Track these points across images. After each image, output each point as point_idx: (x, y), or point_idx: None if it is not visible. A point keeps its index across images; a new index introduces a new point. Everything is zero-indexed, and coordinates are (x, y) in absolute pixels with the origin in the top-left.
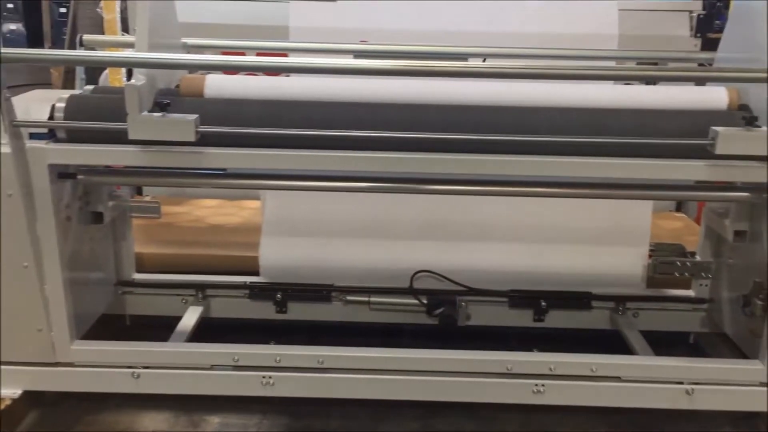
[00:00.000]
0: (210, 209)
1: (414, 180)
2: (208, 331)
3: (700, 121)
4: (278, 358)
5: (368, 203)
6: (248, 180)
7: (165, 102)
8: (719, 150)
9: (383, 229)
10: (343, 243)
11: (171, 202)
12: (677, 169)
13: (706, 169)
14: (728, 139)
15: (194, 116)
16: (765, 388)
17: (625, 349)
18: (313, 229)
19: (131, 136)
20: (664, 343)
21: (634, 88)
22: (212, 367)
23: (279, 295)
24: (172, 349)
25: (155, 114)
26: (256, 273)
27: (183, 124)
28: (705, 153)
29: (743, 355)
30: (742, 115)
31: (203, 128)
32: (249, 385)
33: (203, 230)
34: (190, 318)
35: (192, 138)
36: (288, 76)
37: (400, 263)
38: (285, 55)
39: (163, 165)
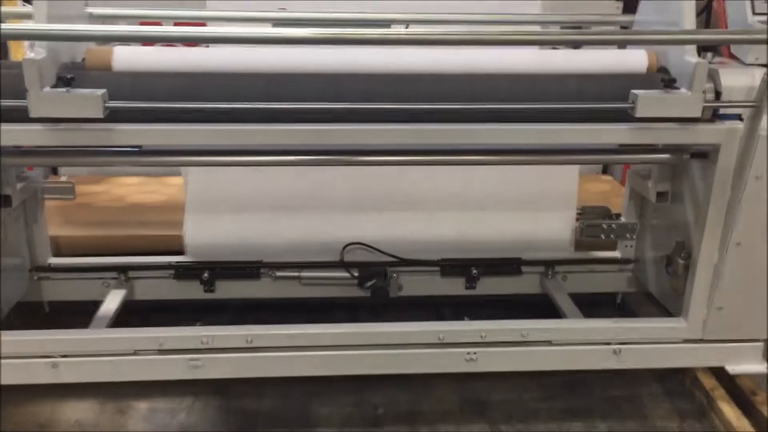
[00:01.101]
0: (131, 187)
1: (338, 152)
2: (132, 314)
3: (621, 85)
4: (205, 340)
5: (294, 176)
6: (165, 157)
7: (68, 77)
8: (639, 113)
9: (311, 202)
10: (270, 218)
11: (89, 181)
12: (600, 133)
13: (627, 132)
14: (647, 102)
15: (101, 91)
16: (687, 345)
17: (555, 312)
18: (239, 204)
19: (33, 113)
20: (592, 305)
21: (557, 52)
22: (135, 353)
23: (206, 274)
24: (92, 336)
25: (58, 89)
26: (182, 252)
27: (89, 99)
28: (626, 116)
29: (668, 314)
30: (661, 78)
31: (112, 104)
32: (175, 369)
33: (124, 210)
34: (112, 302)
35: (100, 114)
36: (207, 47)
37: (329, 236)
38: (203, 25)
39: (70, 144)
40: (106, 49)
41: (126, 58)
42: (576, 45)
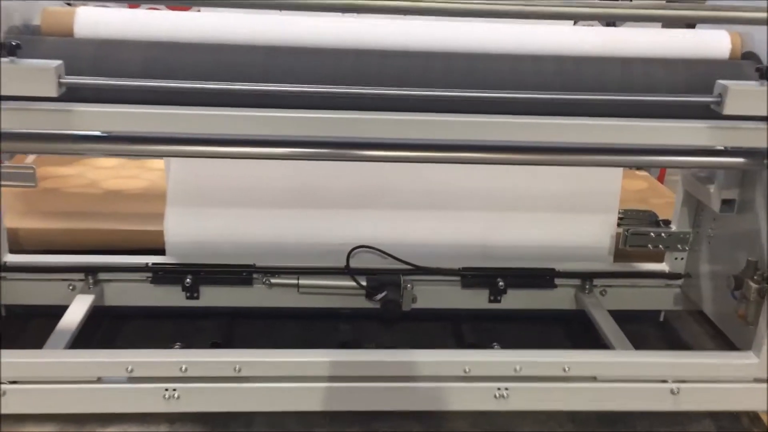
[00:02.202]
0: (107, 171)
1: (348, 144)
2: (100, 325)
3: (698, 73)
4: (184, 367)
5: (294, 167)
6: (139, 145)
7: (13, 43)
8: (728, 109)
9: (313, 197)
10: (265, 214)
11: (59, 162)
12: (675, 133)
13: (710, 133)
14: (740, 96)
15: (56, 62)
16: (758, 385)
17: (592, 332)
18: (229, 197)
19: None
20: (629, 320)
21: (618, 31)
22: (99, 380)
23: (189, 279)
24: (48, 359)
25: (2, 59)
26: (162, 251)
27: (40, 73)
28: (707, 112)
29: (725, 339)
30: (755, 67)
31: (70, 79)
32: (147, 401)
33: (97, 198)
34: (77, 309)
35: (54, 92)
36: (198, 11)
37: (334, 238)
38: None
39: (16, 127)
40: (67, 9)
41: (90, 20)
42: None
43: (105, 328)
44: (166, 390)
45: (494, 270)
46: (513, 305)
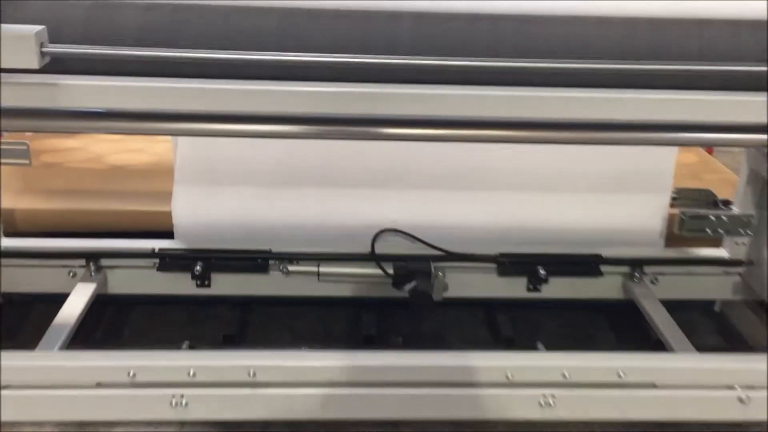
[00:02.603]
0: (112, 143)
1: (373, 121)
2: (103, 314)
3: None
4: (192, 371)
5: (314, 142)
6: (139, 122)
7: None
8: None
9: (335, 175)
10: (282, 194)
11: (61, 135)
12: (747, 107)
13: None
14: None
15: (38, 28)
16: None
17: (641, 323)
18: (243, 175)
19: None
20: (680, 310)
21: None
22: (99, 385)
23: (199, 266)
24: (41, 362)
25: None
26: (171, 234)
27: (19, 40)
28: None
29: None
30: None
31: (55, 47)
32: (152, 408)
33: (100, 174)
34: (78, 299)
35: (35, 63)
36: None
37: (357, 220)
38: None
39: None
40: None
41: None
42: None
43: (109, 317)
44: (173, 396)
45: (534, 256)
46: (554, 294)
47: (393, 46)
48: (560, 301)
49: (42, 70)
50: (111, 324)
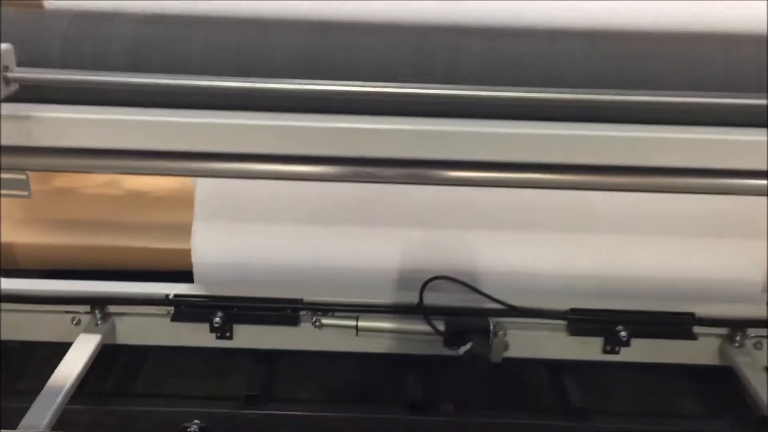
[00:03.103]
0: None
1: (425, 163)
2: (111, 367)
3: None
4: None
5: None
6: (145, 161)
7: None
8: None
9: (378, 212)
10: (317, 234)
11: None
12: None
13: None
14: None
15: (2, 47)
16: None
17: (741, 395)
18: (273, 211)
19: None
20: None
21: None
22: None
23: (219, 317)
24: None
25: None
26: (190, 274)
27: None
28: None
29: None
30: None
31: (23, 73)
32: None
33: (115, 202)
34: (81, 351)
35: None
36: None
37: (403, 265)
38: None
39: None
40: None
41: None
42: None
43: (121, 364)
44: None
45: (613, 313)
46: (634, 357)
47: (454, 71)
48: (640, 365)
49: (10, 99)
50: (122, 373)
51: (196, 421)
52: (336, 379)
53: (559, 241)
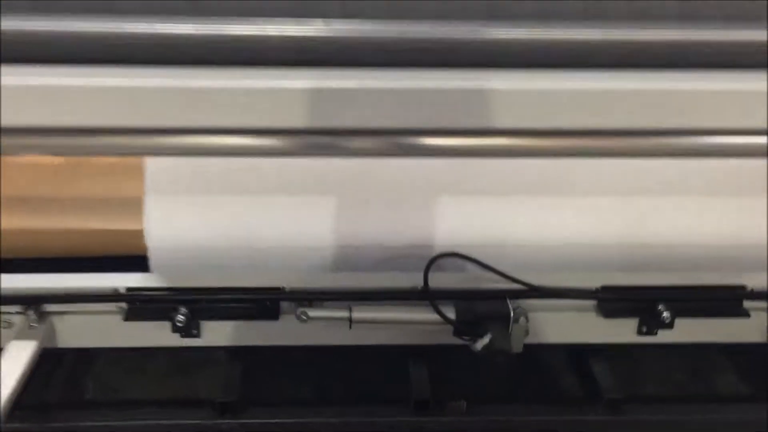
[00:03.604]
0: None
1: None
2: (52, 378)
3: None
4: None
5: None
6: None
7: None
8: None
9: (370, 178)
10: (298, 206)
11: None
12: None
13: None
14: None
15: None
16: None
17: None
18: (244, 182)
19: None
20: None
21: None
22: None
23: (182, 314)
24: None
25: None
26: (145, 260)
27: None
28: None
29: None
30: None
31: None
32: None
33: (53, 173)
34: (14, 361)
35: None
36: None
37: (403, 241)
38: None
39: None
40: None
41: None
42: None
43: (66, 367)
44: None
45: (652, 290)
46: (673, 338)
47: None
48: (679, 346)
49: None
50: (67, 382)
51: None
52: (327, 378)
53: (583, 207)
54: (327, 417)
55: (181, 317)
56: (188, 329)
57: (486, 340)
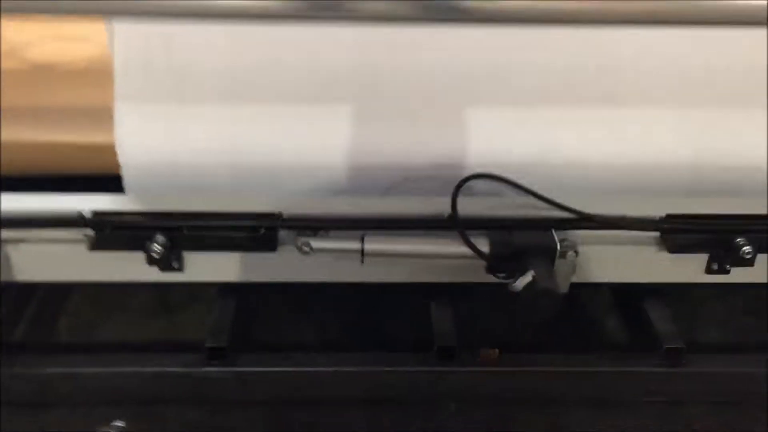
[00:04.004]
0: (39, 28)
1: None
2: (10, 317)
3: None
4: None
5: (344, 31)
6: None
7: None
8: None
9: (382, 84)
10: (299, 115)
11: None
12: None
13: None
14: None
15: None
16: None
17: None
18: (234, 83)
19: None
20: None
21: None
22: None
23: (158, 244)
24: None
25: None
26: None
27: None
28: None
29: None
30: None
31: None
32: None
33: (14, 79)
34: None
35: None
36: None
37: (427, 158)
38: None
39: None
40: None
41: None
42: None
43: (25, 309)
44: None
45: (729, 220)
46: (749, 278)
47: None
48: (756, 287)
49: None
50: (30, 317)
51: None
52: (333, 321)
53: (644, 119)
54: (332, 366)
55: (157, 247)
56: (167, 261)
57: (528, 278)
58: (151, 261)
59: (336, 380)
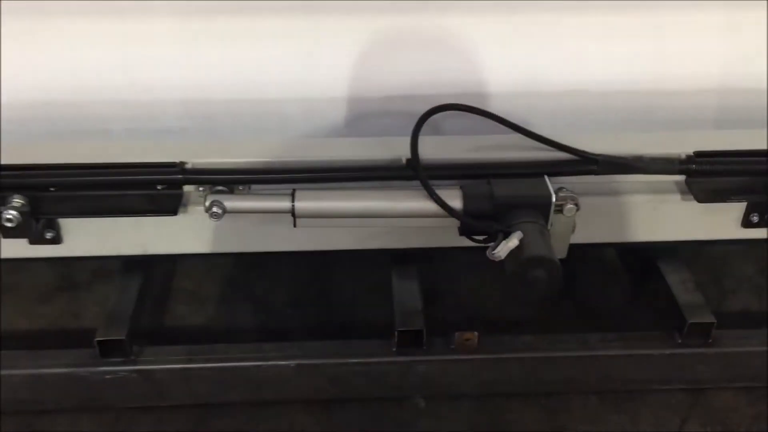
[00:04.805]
0: None
1: None
2: None
3: None
4: None
5: None
6: None
7: None
8: None
9: None
10: (208, 32)
11: None
12: None
13: None
14: None
15: None
16: None
17: None
18: None
19: None
20: None
21: None
22: None
23: (15, 206)
24: None
25: None
26: None
27: None
28: None
29: None
30: None
31: None
32: None
33: None
34: None
35: None
36: None
37: (383, 86)
38: None
39: None
40: None
41: None
42: None
43: None
44: None
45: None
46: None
47: None
48: None
49: None
50: None
51: None
52: (265, 302)
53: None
54: (266, 359)
55: (11, 212)
56: (32, 230)
57: (513, 241)
58: (6, 233)
59: (272, 376)
